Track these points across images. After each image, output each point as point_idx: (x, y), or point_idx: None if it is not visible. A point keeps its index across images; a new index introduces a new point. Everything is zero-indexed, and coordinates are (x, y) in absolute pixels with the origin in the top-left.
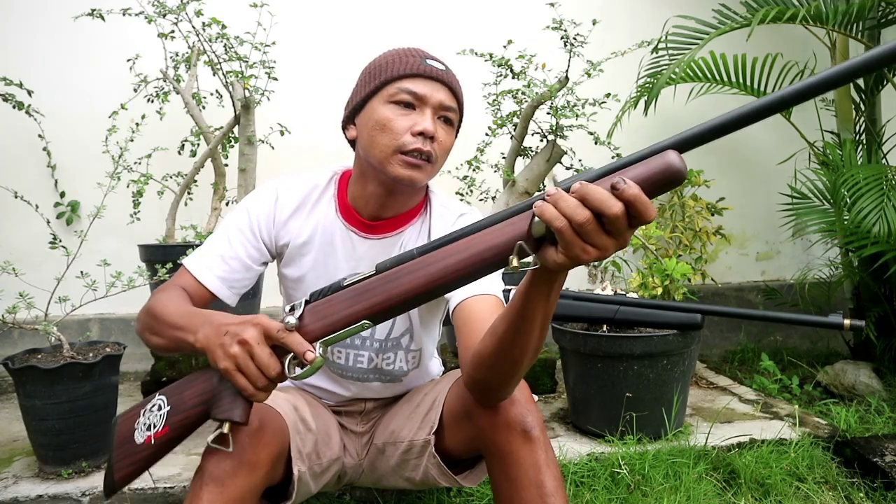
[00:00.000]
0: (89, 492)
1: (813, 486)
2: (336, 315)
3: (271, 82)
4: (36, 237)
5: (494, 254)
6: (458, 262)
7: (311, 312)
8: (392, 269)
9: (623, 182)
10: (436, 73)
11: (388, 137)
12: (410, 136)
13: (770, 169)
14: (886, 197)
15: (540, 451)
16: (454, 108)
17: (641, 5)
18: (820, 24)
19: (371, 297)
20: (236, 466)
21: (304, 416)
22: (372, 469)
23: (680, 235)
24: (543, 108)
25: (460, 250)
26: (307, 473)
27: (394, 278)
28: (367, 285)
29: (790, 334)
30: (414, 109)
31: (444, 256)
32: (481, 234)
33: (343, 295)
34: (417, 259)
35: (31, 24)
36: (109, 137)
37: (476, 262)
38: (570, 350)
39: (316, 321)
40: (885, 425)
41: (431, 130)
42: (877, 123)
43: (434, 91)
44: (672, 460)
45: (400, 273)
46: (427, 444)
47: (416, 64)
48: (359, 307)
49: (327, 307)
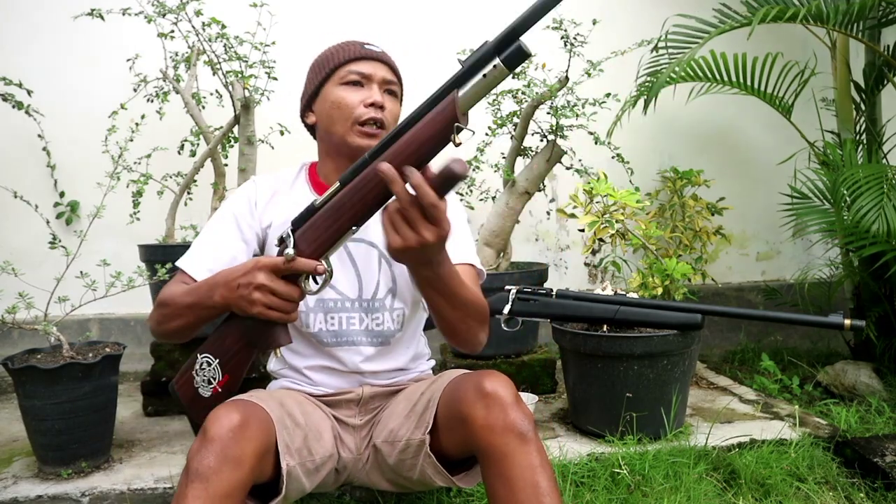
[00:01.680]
0: (89, 492)
1: (813, 486)
2: (325, 234)
3: (271, 82)
4: (36, 237)
5: (438, 139)
6: (410, 155)
7: (301, 240)
8: (355, 180)
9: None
10: (375, 55)
11: (346, 112)
12: (363, 107)
13: (770, 169)
14: (886, 196)
15: (534, 453)
16: (395, 80)
17: (641, 5)
18: (820, 23)
19: (347, 209)
20: (220, 462)
21: (292, 411)
22: (374, 468)
23: (680, 235)
24: (543, 108)
25: (408, 144)
26: (298, 469)
27: (361, 186)
28: (340, 200)
29: (790, 334)
30: (362, 87)
31: (396, 154)
32: (420, 126)
33: (322, 215)
34: (372, 163)
35: (31, 24)
36: (109, 137)
37: (424, 149)
38: (570, 350)
39: (309, 245)
40: (885, 425)
41: (381, 101)
42: (877, 123)
43: (376, 69)
44: (672, 460)
45: (364, 180)
46: (422, 443)
47: (357, 49)
48: (342, 221)
49: (314, 231)
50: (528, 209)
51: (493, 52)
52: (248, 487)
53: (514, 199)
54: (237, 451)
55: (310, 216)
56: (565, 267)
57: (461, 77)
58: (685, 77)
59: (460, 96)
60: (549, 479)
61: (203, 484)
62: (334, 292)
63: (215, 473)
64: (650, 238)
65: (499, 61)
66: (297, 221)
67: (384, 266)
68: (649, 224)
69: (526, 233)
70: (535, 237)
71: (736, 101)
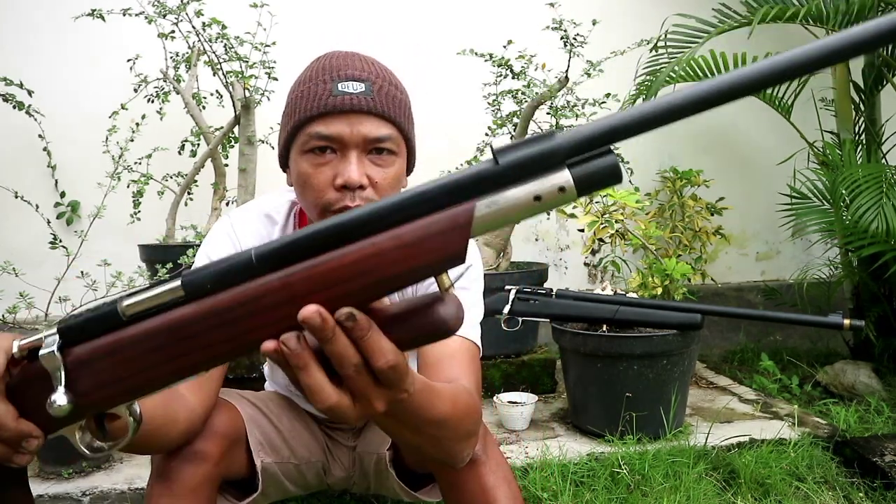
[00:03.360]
0: (89, 492)
1: (812, 485)
2: (142, 376)
3: (271, 82)
4: (36, 237)
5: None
6: (356, 289)
7: (87, 372)
8: (221, 297)
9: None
10: (349, 104)
11: (312, 195)
12: (334, 191)
13: (770, 169)
14: (885, 196)
15: (487, 474)
16: (387, 135)
17: (641, 5)
18: (820, 23)
19: (200, 344)
20: (182, 459)
21: (269, 411)
22: (362, 478)
23: (680, 235)
24: (543, 108)
25: (356, 269)
26: (276, 467)
27: (232, 310)
28: (184, 323)
29: (790, 334)
30: (335, 153)
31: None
32: (387, 244)
33: (141, 341)
34: (266, 279)
35: (32, 25)
36: (110, 137)
37: (384, 286)
38: (570, 350)
39: (103, 386)
40: (884, 425)
41: (356, 180)
42: (876, 123)
43: (353, 126)
44: (672, 460)
45: (240, 302)
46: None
47: (323, 97)
48: (183, 360)
49: (117, 366)
50: None
51: (564, 158)
52: (215, 481)
53: None
54: (200, 446)
55: (108, 328)
56: (565, 267)
57: (492, 178)
58: (685, 76)
59: (480, 215)
60: (507, 496)
61: (166, 482)
62: None
63: (176, 471)
64: (650, 238)
65: (570, 180)
66: (77, 330)
67: None
68: (649, 224)
69: (526, 233)
70: (535, 237)
71: (736, 101)
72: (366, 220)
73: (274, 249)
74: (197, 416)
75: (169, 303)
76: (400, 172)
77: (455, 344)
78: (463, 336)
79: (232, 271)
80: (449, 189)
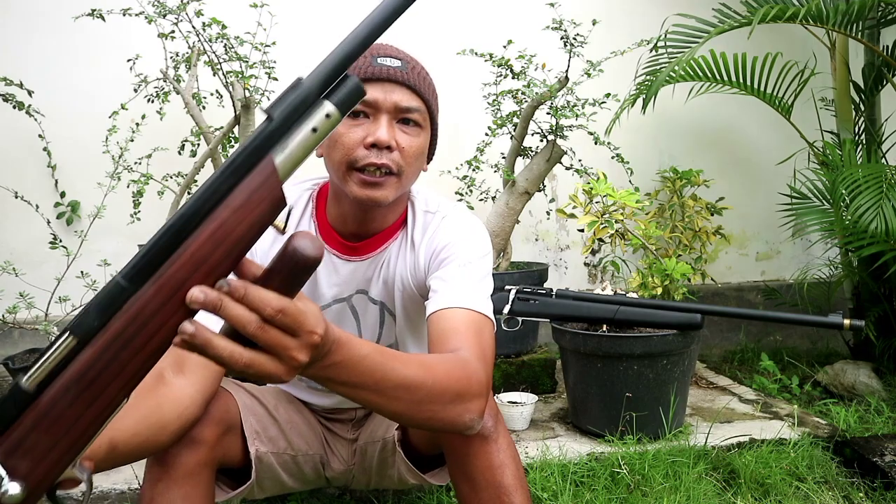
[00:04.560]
0: None
1: (812, 485)
2: (74, 429)
3: (271, 82)
4: (36, 237)
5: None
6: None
7: (20, 456)
8: (109, 327)
9: (225, 283)
10: (386, 73)
11: (341, 153)
12: (363, 149)
13: (770, 169)
14: (885, 195)
15: (497, 452)
16: (416, 107)
17: (642, 5)
18: (820, 23)
19: (111, 376)
20: (178, 444)
21: (267, 402)
22: (361, 471)
23: (679, 235)
24: (543, 108)
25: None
26: (272, 457)
27: (127, 334)
28: (89, 366)
29: (790, 334)
30: (368, 118)
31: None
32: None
33: (52, 403)
34: (141, 292)
35: (32, 25)
36: (110, 137)
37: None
38: (570, 350)
39: (40, 459)
40: (884, 425)
41: (385, 139)
42: (876, 123)
43: (387, 93)
44: (672, 460)
45: (132, 323)
46: (395, 440)
47: (363, 66)
48: (99, 407)
49: (43, 434)
50: (528, 209)
51: (317, 95)
52: (211, 466)
53: (514, 199)
54: (195, 432)
55: (21, 408)
56: (565, 267)
57: (273, 133)
58: (685, 76)
59: (279, 162)
60: (514, 477)
61: (163, 467)
62: None
63: (173, 456)
64: (650, 238)
65: (332, 107)
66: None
67: (387, 321)
68: (649, 224)
69: (526, 233)
70: (535, 237)
71: (735, 101)
72: (199, 206)
73: (134, 265)
74: (194, 408)
75: (68, 356)
76: (423, 146)
77: (459, 317)
78: (468, 308)
79: (109, 300)
80: (249, 153)
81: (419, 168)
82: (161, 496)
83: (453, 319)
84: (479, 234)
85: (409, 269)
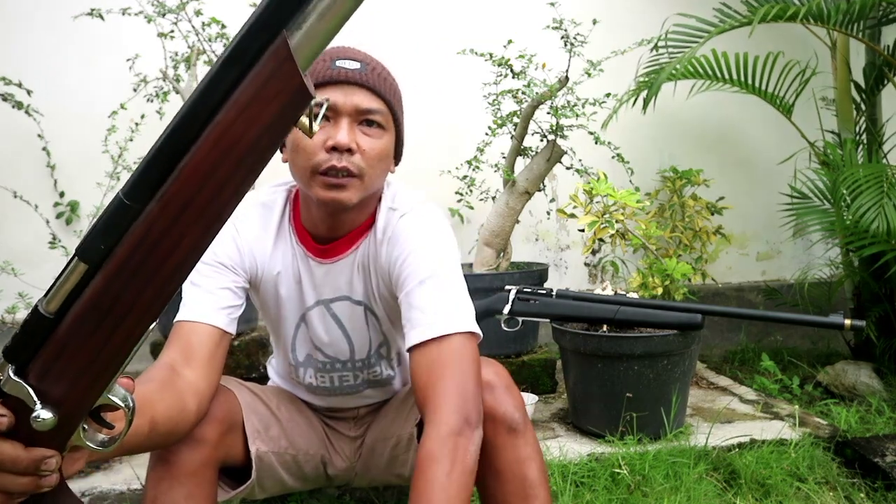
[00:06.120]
0: (89, 492)
1: (813, 486)
2: (102, 352)
3: None
4: (36, 237)
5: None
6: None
7: (51, 379)
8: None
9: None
10: (345, 76)
11: (303, 158)
12: (324, 152)
13: (770, 169)
14: (886, 195)
15: (524, 445)
16: (377, 108)
17: (642, 5)
18: (820, 23)
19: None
20: (181, 443)
21: (269, 402)
22: (365, 469)
23: (680, 235)
24: (543, 107)
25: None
26: (272, 457)
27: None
28: (100, 295)
29: (790, 334)
30: (329, 121)
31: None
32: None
33: (72, 329)
34: (147, 210)
35: (31, 24)
36: (109, 137)
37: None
38: (570, 350)
39: (72, 383)
40: (885, 425)
41: (345, 142)
42: (877, 123)
43: (346, 96)
44: (672, 460)
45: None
46: (411, 437)
47: (321, 70)
48: (121, 331)
49: (69, 359)
50: (528, 209)
51: None
52: (214, 465)
53: (514, 199)
54: (197, 431)
55: (44, 334)
56: (565, 267)
57: (282, 3)
58: (686, 74)
59: (296, 44)
60: (539, 471)
61: (166, 465)
62: (322, 355)
63: (175, 454)
64: (650, 238)
65: None
66: (20, 348)
67: (372, 322)
68: (649, 224)
69: (526, 233)
70: (535, 237)
71: (736, 101)
72: (198, 106)
73: (135, 181)
74: (205, 398)
75: (81, 282)
76: (387, 148)
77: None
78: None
79: (113, 222)
80: (255, 31)
81: (384, 169)
82: (164, 495)
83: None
84: (436, 237)
85: (381, 267)
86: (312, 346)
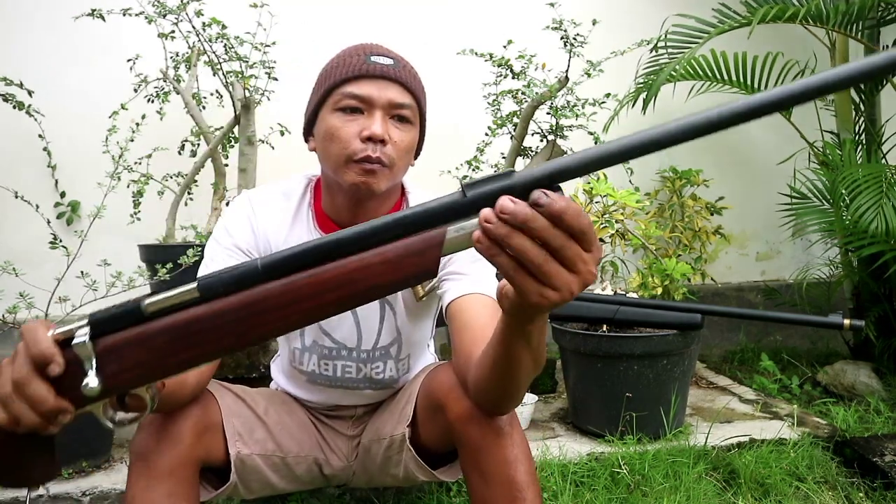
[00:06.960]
0: (89, 492)
1: (813, 485)
2: (171, 360)
3: (271, 82)
4: (36, 237)
5: (392, 285)
6: (331, 297)
7: (115, 357)
8: (229, 300)
9: (544, 195)
10: (380, 71)
11: (338, 147)
12: (359, 142)
13: (770, 169)
14: (885, 195)
15: (511, 447)
16: (408, 104)
17: (642, 5)
18: (820, 23)
19: (203, 340)
20: (157, 441)
21: (254, 403)
22: (363, 470)
23: (679, 235)
24: (543, 108)
25: (336, 280)
26: (256, 458)
27: (233, 311)
28: (193, 322)
29: (790, 334)
30: (362, 114)
31: (314, 285)
32: (377, 257)
33: (156, 332)
34: (269, 286)
35: (31, 25)
36: (109, 137)
37: (356, 298)
38: (570, 350)
39: (132, 369)
40: (884, 425)
41: (380, 134)
42: (876, 123)
43: (381, 90)
44: (672, 460)
45: (245, 304)
46: (403, 437)
47: (358, 64)
48: (187, 355)
49: (148, 352)
50: None
51: (521, 192)
52: (193, 464)
53: None
54: (173, 428)
55: (132, 323)
56: None
57: (459, 207)
58: (686, 75)
59: (450, 238)
60: (527, 473)
61: (144, 462)
62: (330, 340)
63: (153, 452)
64: (650, 238)
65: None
66: (105, 323)
67: (388, 315)
68: (649, 224)
69: None
70: None
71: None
72: (356, 239)
73: (277, 260)
74: (204, 375)
75: (186, 302)
76: (413, 142)
77: (482, 303)
78: (489, 295)
79: (241, 278)
80: (425, 216)
81: (408, 162)
82: (144, 493)
83: (480, 310)
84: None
85: None
86: (321, 331)
